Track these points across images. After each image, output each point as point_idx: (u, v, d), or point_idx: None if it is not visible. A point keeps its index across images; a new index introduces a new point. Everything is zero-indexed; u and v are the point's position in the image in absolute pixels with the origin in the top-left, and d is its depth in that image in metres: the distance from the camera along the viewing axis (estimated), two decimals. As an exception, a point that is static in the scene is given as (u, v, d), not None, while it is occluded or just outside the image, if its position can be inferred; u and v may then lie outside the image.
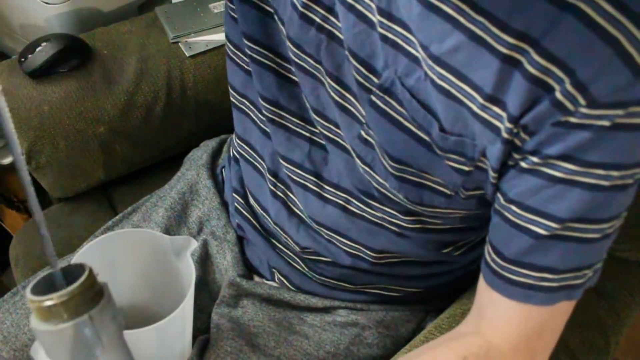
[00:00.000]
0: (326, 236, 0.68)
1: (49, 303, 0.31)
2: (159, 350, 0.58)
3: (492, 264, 0.52)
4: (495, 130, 0.46)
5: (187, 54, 0.96)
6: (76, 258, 0.60)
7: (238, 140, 0.77)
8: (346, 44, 0.52)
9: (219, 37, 0.99)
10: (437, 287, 0.74)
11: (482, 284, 0.54)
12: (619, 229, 0.49)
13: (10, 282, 1.26)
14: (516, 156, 0.46)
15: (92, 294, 0.33)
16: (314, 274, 0.72)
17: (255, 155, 0.72)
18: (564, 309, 0.52)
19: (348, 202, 0.63)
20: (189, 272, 0.54)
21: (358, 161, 0.57)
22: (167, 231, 0.78)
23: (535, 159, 0.45)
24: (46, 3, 1.04)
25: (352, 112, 0.56)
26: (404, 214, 0.61)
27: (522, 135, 0.45)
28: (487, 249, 0.53)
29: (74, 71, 0.89)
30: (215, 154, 0.88)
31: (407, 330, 0.75)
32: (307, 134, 0.64)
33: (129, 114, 0.92)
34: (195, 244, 0.54)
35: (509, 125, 0.45)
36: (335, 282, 0.72)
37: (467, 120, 0.47)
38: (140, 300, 0.51)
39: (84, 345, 0.33)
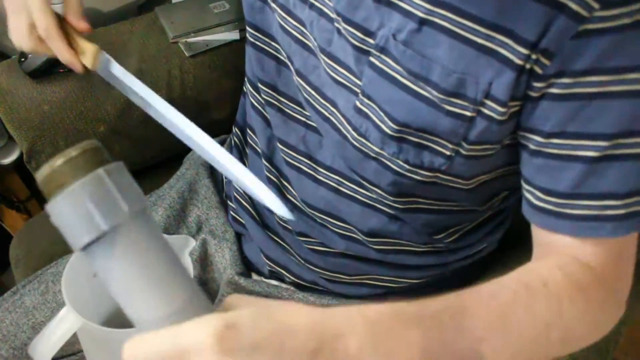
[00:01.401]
0: (319, 220, 0.68)
1: (58, 162, 0.31)
2: None
3: (547, 205, 0.49)
4: (502, 59, 0.45)
5: (187, 54, 0.96)
6: (75, 257, 0.60)
7: (239, 128, 0.78)
8: (340, 13, 0.53)
9: (219, 37, 0.99)
10: (432, 281, 0.74)
11: (539, 235, 0.52)
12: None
13: (10, 282, 1.26)
14: (538, 84, 0.46)
15: (100, 157, 0.33)
16: (309, 265, 0.73)
17: (256, 140, 0.73)
18: (632, 240, 0.50)
19: (340, 183, 0.64)
20: (184, 270, 0.54)
21: (353, 133, 0.57)
22: (166, 230, 0.78)
23: (564, 81, 0.44)
24: (46, 3, 1.04)
25: (346, 85, 0.56)
26: (395, 195, 0.60)
27: (543, 60, 0.44)
28: (534, 194, 0.50)
29: (74, 71, 0.89)
30: (215, 154, 0.88)
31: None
32: (303, 119, 0.65)
33: (129, 114, 0.92)
34: (193, 243, 0.54)
35: (523, 50, 0.44)
36: (330, 273, 0.72)
37: (470, 56, 0.46)
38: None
39: (106, 205, 0.32)
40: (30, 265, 0.88)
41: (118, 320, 0.50)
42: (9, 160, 1.14)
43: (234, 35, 0.99)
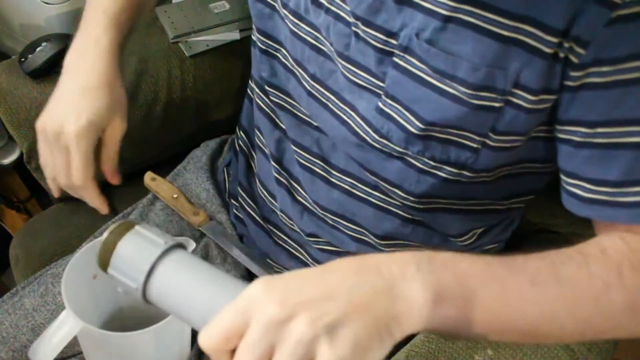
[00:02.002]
0: (331, 222, 0.68)
1: (107, 234, 0.45)
2: (158, 352, 0.58)
3: (599, 196, 0.49)
4: (530, 49, 0.46)
5: (187, 54, 0.96)
6: (75, 259, 0.60)
7: (244, 130, 0.77)
8: (360, 17, 0.53)
9: (219, 37, 0.99)
10: None
11: (596, 227, 0.51)
12: None
13: (10, 282, 1.26)
14: (576, 74, 0.46)
15: (130, 223, 0.46)
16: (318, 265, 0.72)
17: (264, 141, 0.73)
18: None
19: (354, 186, 0.64)
20: None
21: (374, 135, 0.57)
22: (166, 231, 0.78)
23: (603, 69, 0.44)
24: (46, 3, 1.04)
25: (367, 88, 0.56)
26: (417, 195, 0.60)
27: (577, 48, 0.44)
28: (582, 187, 0.49)
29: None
30: (215, 155, 0.88)
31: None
32: (315, 123, 0.65)
33: (129, 114, 0.91)
34: (193, 245, 0.54)
35: (552, 39, 0.44)
36: None
37: (497, 49, 0.47)
38: (139, 301, 0.51)
39: (150, 242, 0.45)
40: (30, 265, 0.88)
41: (117, 322, 0.50)
42: (9, 160, 1.14)
43: (234, 35, 0.99)
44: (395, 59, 0.52)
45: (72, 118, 0.65)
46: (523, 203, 0.66)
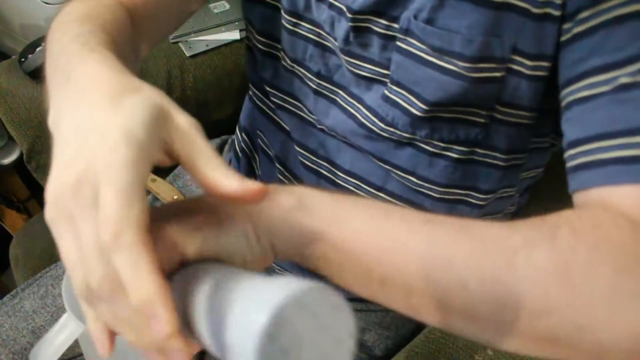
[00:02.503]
0: None
1: None
2: None
3: (576, 161, 0.42)
4: (522, 12, 0.46)
5: (187, 54, 0.96)
6: None
7: (246, 132, 0.77)
8: (357, 11, 0.53)
9: (219, 37, 0.99)
10: None
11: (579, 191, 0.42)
12: None
13: (10, 282, 1.26)
14: (567, 25, 0.44)
15: None
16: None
17: (267, 143, 0.73)
18: None
19: (358, 187, 0.64)
20: None
21: (380, 124, 0.57)
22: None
23: (591, 11, 0.42)
24: (46, 3, 1.04)
25: (373, 78, 0.56)
26: (432, 182, 0.59)
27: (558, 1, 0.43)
28: (569, 156, 0.43)
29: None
30: (216, 155, 0.88)
31: (407, 331, 0.75)
32: (321, 125, 0.64)
33: (129, 114, 0.92)
34: None
35: None
36: None
37: (491, 17, 0.47)
38: None
39: None
40: (30, 265, 0.88)
41: None
42: (9, 160, 1.14)
43: (234, 35, 0.99)
44: (398, 43, 0.52)
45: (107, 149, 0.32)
46: (530, 180, 0.66)
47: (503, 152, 0.57)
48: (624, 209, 0.37)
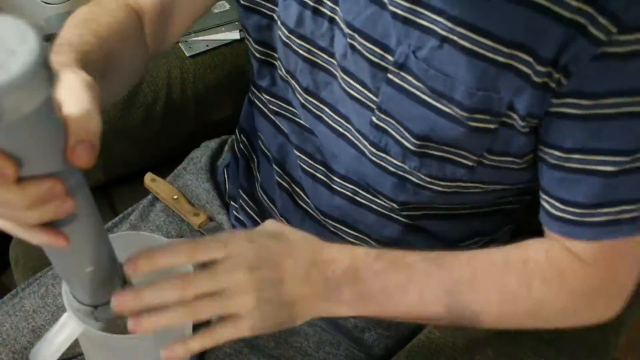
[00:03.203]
0: (332, 228, 0.68)
1: None
2: (159, 354, 0.58)
3: (566, 215, 0.51)
4: (524, 76, 0.46)
5: (187, 54, 0.96)
6: None
7: (245, 134, 0.77)
8: (357, 29, 0.52)
9: (219, 37, 0.99)
10: None
11: (548, 232, 0.54)
12: None
13: (10, 283, 1.26)
14: (557, 101, 0.46)
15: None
16: None
17: (267, 145, 0.73)
18: None
19: (356, 193, 0.64)
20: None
21: (372, 149, 0.57)
22: (167, 232, 0.78)
23: (584, 102, 0.45)
24: (46, 3, 1.04)
25: (361, 101, 0.56)
26: (410, 209, 0.60)
27: (561, 78, 0.45)
28: (552, 204, 0.52)
29: (73, 71, 0.89)
30: (215, 155, 0.88)
31: (407, 331, 0.75)
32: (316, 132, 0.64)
33: (129, 113, 0.92)
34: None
35: (541, 68, 0.45)
36: None
37: (492, 74, 0.47)
38: None
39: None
40: (30, 265, 0.88)
41: (120, 322, 0.50)
42: (8, 160, 1.13)
43: (234, 35, 0.99)
44: (390, 75, 0.52)
45: None
46: (519, 203, 0.66)
47: (488, 184, 0.57)
48: (579, 253, 0.52)
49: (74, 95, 0.37)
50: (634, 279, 0.55)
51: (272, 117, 0.70)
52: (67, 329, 0.49)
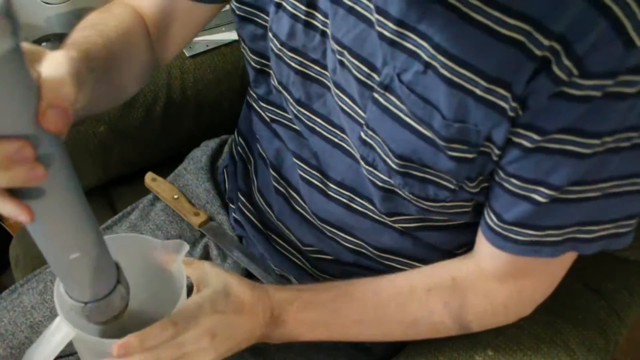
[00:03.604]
0: (329, 233, 0.68)
1: None
2: None
3: (494, 226, 0.54)
4: (501, 111, 0.46)
5: (187, 54, 0.96)
6: None
7: (243, 137, 0.77)
8: (346, 46, 0.52)
9: (219, 37, 0.99)
10: None
11: (482, 238, 0.57)
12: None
13: (10, 283, 1.26)
14: (511, 129, 0.47)
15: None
16: (316, 271, 0.72)
17: (264, 148, 0.73)
18: (562, 258, 0.55)
19: (351, 199, 0.63)
20: (181, 277, 0.54)
21: (362, 162, 0.58)
22: (168, 234, 0.78)
23: (533, 136, 0.46)
24: (46, 3, 1.04)
25: (351, 115, 0.56)
26: (403, 221, 0.61)
27: (518, 109, 0.46)
28: (487, 212, 0.55)
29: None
30: (215, 155, 0.88)
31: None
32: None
33: (129, 114, 0.92)
34: (187, 248, 0.54)
35: (514, 104, 0.45)
36: (339, 279, 0.72)
37: (470, 106, 0.47)
38: (135, 304, 0.51)
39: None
40: (29, 265, 0.88)
41: (114, 325, 0.50)
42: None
43: (234, 35, 0.99)
44: (376, 95, 0.52)
45: None
46: None
47: (471, 202, 0.58)
48: (496, 265, 0.58)
49: (52, 65, 0.38)
50: (546, 293, 0.60)
51: (269, 123, 0.69)
52: (60, 333, 0.49)
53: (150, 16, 0.66)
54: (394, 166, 0.54)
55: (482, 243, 0.57)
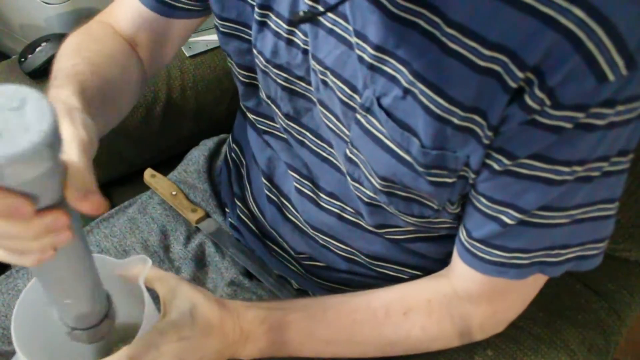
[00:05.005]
0: (322, 241, 0.68)
1: None
2: None
3: (464, 241, 0.55)
4: (477, 137, 0.46)
5: (187, 54, 0.96)
6: (25, 293, 0.53)
7: (237, 144, 0.77)
8: (328, 67, 0.52)
9: (219, 37, 0.99)
10: None
11: (455, 251, 0.57)
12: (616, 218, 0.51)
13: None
14: (485, 151, 0.47)
15: None
16: (312, 276, 0.72)
17: (255, 157, 0.73)
18: (534, 279, 0.55)
19: (343, 209, 0.64)
20: (143, 297, 0.52)
21: (348, 178, 0.58)
22: (164, 227, 0.78)
23: (503, 160, 0.47)
24: (46, 3, 1.04)
25: (336, 132, 0.56)
26: (392, 234, 0.61)
27: (492, 136, 0.46)
28: (461, 227, 0.55)
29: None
30: (213, 155, 0.88)
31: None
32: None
33: (129, 114, 0.92)
34: (149, 264, 0.53)
35: (489, 133, 0.46)
36: (333, 284, 0.72)
37: (448, 134, 0.47)
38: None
39: None
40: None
41: (98, 344, 0.50)
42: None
43: (234, 35, 0.99)
44: (358, 116, 0.52)
45: None
46: None
47: (456, 219, 0.58)
48: (468, 285, 0.57)
49: (68, 140, 0.40)
50: (518, 312, 0.60)
51: (261, 134, 0.69)
52: None
53: (144, 40, 0.68)
54: (377, 186, 0.54)
55: (455, 259, 0.58)
